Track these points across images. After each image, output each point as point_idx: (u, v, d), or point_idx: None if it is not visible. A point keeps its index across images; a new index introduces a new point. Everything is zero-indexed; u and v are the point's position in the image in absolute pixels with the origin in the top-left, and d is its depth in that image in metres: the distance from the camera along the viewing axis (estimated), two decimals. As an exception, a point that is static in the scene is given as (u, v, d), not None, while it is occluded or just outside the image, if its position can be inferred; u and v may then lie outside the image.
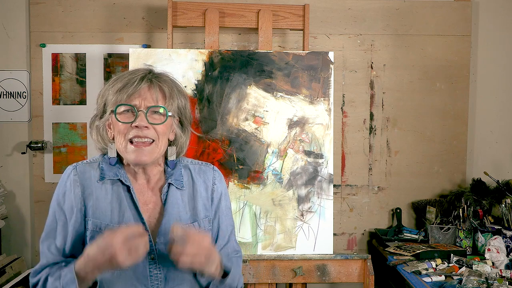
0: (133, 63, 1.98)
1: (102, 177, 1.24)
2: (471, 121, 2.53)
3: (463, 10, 2.48)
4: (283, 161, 2.02)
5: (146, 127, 1.20)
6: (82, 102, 2.39)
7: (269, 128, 2.02)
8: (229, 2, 2.27)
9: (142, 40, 2.41)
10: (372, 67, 2.47)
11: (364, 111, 2.48)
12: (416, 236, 2.32)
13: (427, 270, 1.90)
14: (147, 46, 2.39)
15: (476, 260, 1.95)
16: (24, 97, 2.41)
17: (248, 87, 2.02)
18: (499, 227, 2.15)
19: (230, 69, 2.02)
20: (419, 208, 2.46)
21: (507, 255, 2.02)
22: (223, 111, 2.01)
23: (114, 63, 2.39)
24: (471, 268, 1.87)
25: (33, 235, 2.42)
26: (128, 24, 2.40)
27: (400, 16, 2.47)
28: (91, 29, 2.39)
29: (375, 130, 2.49)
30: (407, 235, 2.35)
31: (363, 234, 2.50)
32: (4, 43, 2.41)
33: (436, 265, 1.95)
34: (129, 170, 1.28)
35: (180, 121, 1.31)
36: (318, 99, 2.04)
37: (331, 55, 2.05)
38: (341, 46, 2.47)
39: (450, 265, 1.95)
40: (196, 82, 2.01)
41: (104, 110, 1.25)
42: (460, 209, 2.20)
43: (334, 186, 2.43)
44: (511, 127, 2.57)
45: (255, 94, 2.02)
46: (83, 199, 1.22)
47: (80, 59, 2.39)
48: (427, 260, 1.98)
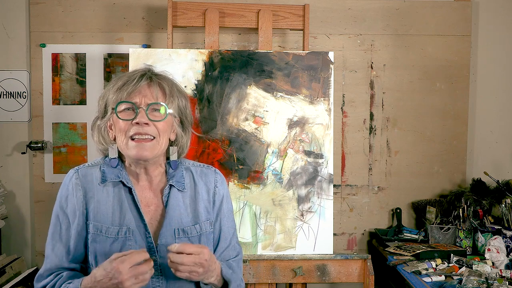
0: (133, 63, 1.98)
1: (104, 180, 1.24)
2: (471, 121, 2.53)
3: (463, 10, 2.48)
4: (283, 161, 2.02)
5: (147, 123, 1.20)
6: (82, 102, 2.39)
7: (269, 128, 2.02)
8: (229, 2, 2.26)
9: (142, 40, 2.41)
10: (372, 67, 2.47)
11: (364, 111, 2.48)
12: (416, 236, 2.32)
13: (427, 270, 1.90)
14: (147, 46, 2.39)
15: (476, 260, 1.95)
16: (24, 97, 2.41)
17: (248, 87, 2.02)
18: (499, 227, 2.15)
19: (230, 69, 2.02)
20: (419, 208, 2.46)
21: (507, 255, 2.01)
22: (223, 111, 2.01)
23: (114, 63, 2.39)
24: (471, 268, 1.87)
25: (33, 235, 2.42)
26: (128, 24, 2.40)
27: (400, 16, 2.47)
28: (91, 29, 2.39)
29: (375, 130, 2.49)
30: (407, 235, 2.35)
31: (363, 234, 2.50)
32: (4, 43, 2.41)
33: (436, 265, 1.95)
34: (130, 171, 1.28)
35: (181, 121, 1.31)
36: (318, 99, 2.04)
37: (331, 55, 2.05)
38: (341, 46, 2.47)
39: (450, 265, 1.95)
40: (196, 82, 2.01)
41: (106, 111, 1.26)
42: (460, 209, 2.20)
43: (334, 186, 2.43)
44: (511, 127, 2.57)
45: (255, 94, 2.02)
46: (85, 202, 1.22)
47: (80, 59, 2.39)
48: (427, 260, 1.98)
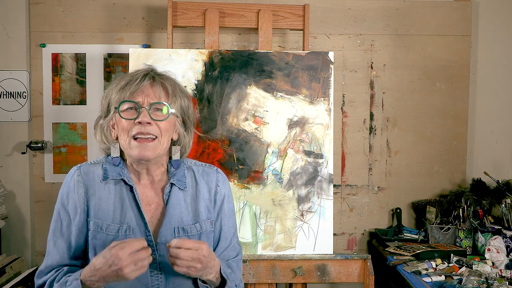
0: (133, 63, 1.98)
1: (105, 177, 1.25)
2: (471, 121, 2.53)
3: (463, 10, 2.48)
4: (283, 161, 2.02)
5: (149, 123, 1.20)
6: (82, 102, 2.39)
7: (269, 128, 2.02)
8: (229, 2, 2.26)
9: (142, 40, 2.41)
10: (372, 67, 2.47)
11: (364, 111, 2.48)
12: (416, 236, 2.32)
13: (427, 270, 1.90)
14: (147, 46, 2.39)
15: (476, 260, 1.95)
16: (24, 97, 2.41)
17: (248, 87, 2.02)
18: (499, 227, 2.15)
19: (230, 69, 2.02)
20: (419, 208, 2.46)
21: (507, 255, 2.01)
22: (223, 111, 2.01)
23: (114, 63, 2.39)
24: (471, 268, 1.87)
25: (33, 235, 2.42)
26: (128, 24, 2.40)
27: (400, 16, 2.47)
28: (91, 29, 2.39)
29: (375, 130, 2.49)
30: (407, 235, 2.35)
31: (363, 234, 2.50)
32: (4, 43, 2.41)
33: (436, 265, 1.95)
34: (132, 170, 1.28)
35: (183, 121, 1.32)
36: (318, 99, 2.04)
37: (331, 55, 2.05)
38: (341, 46, 2.47)
39: (450, 265, 1.95)
40: (196, 82, 2.01)
41: (108, 110, 1.26)
42: (460, 209, 2.20)
43: (334, 186, 2.43)
44: (511, 127, 2.57)
45: (255, 94, 2.02)
46: (86, 199, 1.23)
47: (80, 59, 2.39)
48: (427, 260, 1.98)
